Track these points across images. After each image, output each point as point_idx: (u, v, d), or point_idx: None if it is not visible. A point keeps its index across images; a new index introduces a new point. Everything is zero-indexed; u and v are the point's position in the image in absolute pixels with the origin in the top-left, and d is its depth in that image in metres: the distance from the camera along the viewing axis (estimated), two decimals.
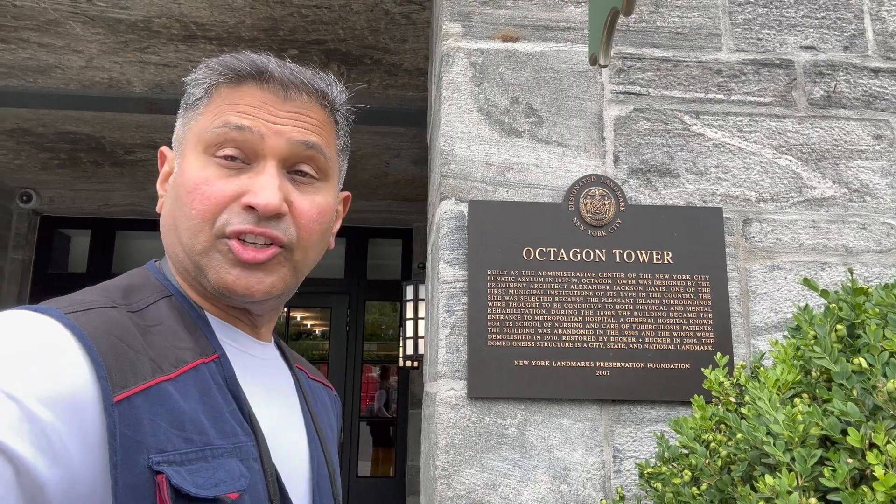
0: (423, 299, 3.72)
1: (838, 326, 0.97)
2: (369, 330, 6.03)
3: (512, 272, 1.66)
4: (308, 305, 6.07)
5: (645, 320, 1.66)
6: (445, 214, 1.70)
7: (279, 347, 0.83)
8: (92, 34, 3.03)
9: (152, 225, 5.35)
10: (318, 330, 6.50)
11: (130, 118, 3.92)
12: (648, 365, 1.64)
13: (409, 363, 4.85)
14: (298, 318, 6.54)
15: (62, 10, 2.85)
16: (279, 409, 0.75)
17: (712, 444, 1.04)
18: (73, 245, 5.75)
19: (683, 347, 1.65)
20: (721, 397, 1.21)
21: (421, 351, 3.81)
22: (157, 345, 0.62)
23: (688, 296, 1.68)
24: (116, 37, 3.04)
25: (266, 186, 0.66)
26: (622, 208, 1.71)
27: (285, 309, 5.83)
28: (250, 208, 0.66)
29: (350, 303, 5.65)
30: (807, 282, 1.03)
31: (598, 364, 1.63)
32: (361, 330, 5.69)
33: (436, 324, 1.70)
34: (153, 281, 0.70)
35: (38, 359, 0.54)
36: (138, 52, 3.16)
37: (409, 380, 5.45)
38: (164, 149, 0.75)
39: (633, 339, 1.65)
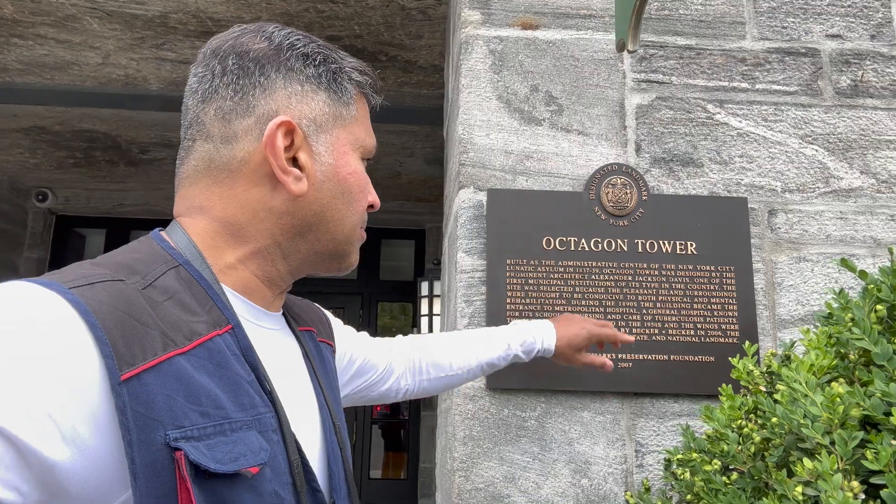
0: (438, 295, 3.69)
1: (878, 307, 0.93)
2: (380, 333, 6.00)
3: (531, 262, 1.62)
4: (321, 305, 6.05)
5: (668, 312, 1.62)
6: (464, 203, 1.67)
7: (286, 313, 0.82)
8: (109, 30, 3.04)
9: (167, 225, 5.35)
10: None
11: (146, 116, 3.94)
12: (672, 357, 1.60)
13: None
14: None
15: (80, 6, 2.86)
16: (290, 378, 0.75)
17: (745, 430, 1.00)
18: (88, 245, 5.77)
19: (708, 340, 1.61)
20: (750, 386, 1.18)
21: None
22: (168, 318, 0.60)
23: (712, 287, 1.64)
24: (133, 33, 3.04)
25: (374, 190, 0.81)
26: (644, 198, 1.68)
27: None
28: (370, 206, 0.80)
29: (363, 303, 5.63)
30: (844, 263, 1.00)
31: (619, 356, 1.59)
32: (374, 331, 5.66)
33: (454, 314, 1.67)
34: (159, 251, 0.68)
35: (40, 337, 0.52)
36: (155, 48, 3.17)
37: None
38: (292, 120, 0.70)
39: (656, 331, 1.61)
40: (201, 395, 0.58)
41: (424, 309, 3.70)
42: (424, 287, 3.74)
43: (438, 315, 3.73)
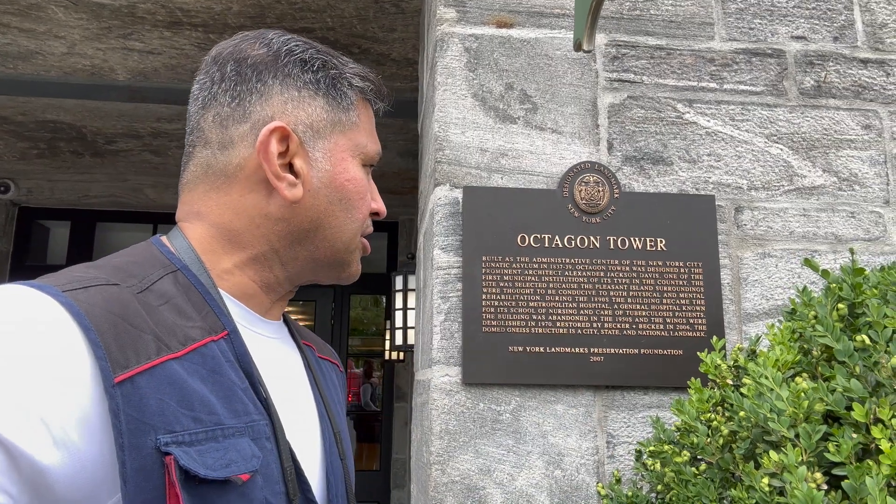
0: (412, 289, 3.71)
1: (839, 306, 0.97)
2: (353, 325, 5.98)
3: (507, 258, 1.65)
4: (292, 299, 6.02)
5: (638, 307, 1.66)
6: (440, 200, 1.69)
7: (287, 325, 0.82)
8: (75, 19, 2.97)
9: (133, 216, 5.27)
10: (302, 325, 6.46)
11: (112, 107, 3.86)
12: (642, 351, 1.65)
13: (395, 355, 4.83)
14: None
15: None
16: (288, 387, 0.75)
17: (714, 423, 1.04)
18: (52, 237, 5.65)
19: (676, 334, 1.66)
20: (718, 380, 1.22)
21: (410, 341, 3.80)
22: (163, 323, 0.60)
23: (681, 283, 1.69)
24: (100, 22, 2.98)
25: (380, 198, 0.80)
26: (616, 195, 1.71)
27: None
28: (374, 214, 0.79)
29: (335, 296, 5.61)
30: (808, 262, 1.04)
31: (592, 350, 1.63)
32: (346, 324, 5.65)
33: (430, 310, 1.69)
34: (157, 256, 0.68)
35: (33, 340, 0.53)
36: (122, 38, 3.10)
37: (393, 373, 5.44)
38: (286, 126, 0.70)
39: (627, 326, 1.65)
40: (194, 401, 0.58)
41: (399, 303, 3.71)
42: (399, 281, 3.74)
43: (413, 309, 3.75)
